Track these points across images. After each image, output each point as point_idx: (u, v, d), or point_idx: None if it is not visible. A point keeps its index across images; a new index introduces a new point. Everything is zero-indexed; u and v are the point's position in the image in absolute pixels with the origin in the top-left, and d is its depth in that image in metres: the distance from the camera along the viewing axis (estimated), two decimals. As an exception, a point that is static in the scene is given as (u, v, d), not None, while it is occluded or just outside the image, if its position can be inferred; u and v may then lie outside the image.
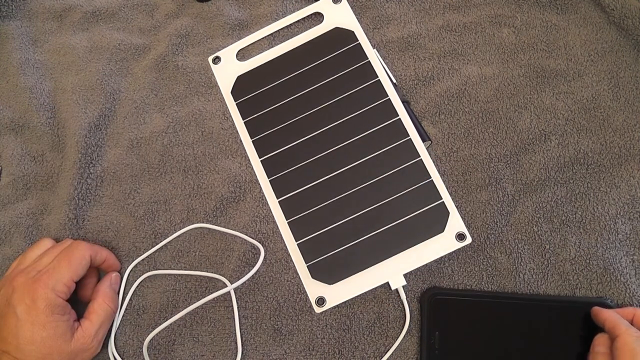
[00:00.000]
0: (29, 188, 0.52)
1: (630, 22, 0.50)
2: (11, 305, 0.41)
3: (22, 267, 0.45)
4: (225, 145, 0.52)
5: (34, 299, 0.41)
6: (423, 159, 0.48)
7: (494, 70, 0.51)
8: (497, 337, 0.44)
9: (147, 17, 0.57)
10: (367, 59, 0.51)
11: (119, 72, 0.55)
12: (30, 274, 0.43)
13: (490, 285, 0.46)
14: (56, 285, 0.42)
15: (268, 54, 0.53)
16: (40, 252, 0.46)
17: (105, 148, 0.53)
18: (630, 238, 0.46)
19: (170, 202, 0.50)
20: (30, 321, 0.41)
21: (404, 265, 0.46)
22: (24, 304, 0.41)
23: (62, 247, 0.46)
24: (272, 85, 0.52)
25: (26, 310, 0.41)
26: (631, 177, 0.47)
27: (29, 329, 0.40)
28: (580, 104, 0.49)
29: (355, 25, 0.52)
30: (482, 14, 0.53)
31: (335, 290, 0.46)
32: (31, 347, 0.40)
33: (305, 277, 0.47)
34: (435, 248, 0.45)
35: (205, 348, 0.47)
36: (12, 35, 0.57)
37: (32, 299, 0.41)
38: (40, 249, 0.47)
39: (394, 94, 0.49)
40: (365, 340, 0.46)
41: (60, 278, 0.43)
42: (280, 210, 0.48)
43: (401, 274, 0.45)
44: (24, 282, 0.42)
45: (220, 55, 0.54)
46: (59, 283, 0.42)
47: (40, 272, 0.43)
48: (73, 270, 0.44)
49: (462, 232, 0.45)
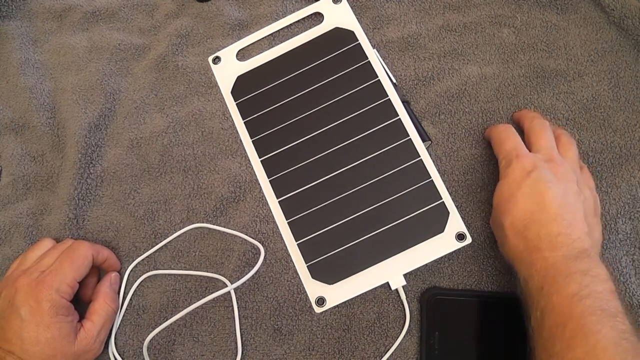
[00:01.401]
0: (29, 188, 0.52)
1: (630, 22, 0.50)
2: (14, 306, 0.41)
3: (24, 267, 0.45)
4: (225, 145, 0.52)
5: (38, 301, 0.41)
6: (423, 159, 0.47)
7: (494, 70, 0.51)
8: (496, 337, 0.44)
9: (147, 17, 0.57)
10: (367, 59, 0.51)
11: (119, 72, 0.55)
12: (33, 275, 0.43)
13: (490, 285, 0.46)
14: (60, 287, 0.42)
15: (268, 54, 0.53)
16: (40, 253, 0.46)
17: (105, 148, 0.53)
18: (630, 238, 0.46)
19: (170, 202, 0.50)
20: (35, 322, 0.41)
21: (404, 265, 0.46)
22: (28, 305, 0.41)
23: (63, 247, 0.46)
24: (272, 85, 0.52)
25: (30, 312, 0.41)
26: (631, 177, 0.47)
27: (33, 330, 0.40)
28: (580, 104, 0.49)
29: (355, 26, 0.52)
30: (482, 14, 0.53)
31: (335, 290, 0.46)
32: (36, 348, 0.40)
33: (305, 277, 0.47)
34: (435, 248, 0.45)
35: (205, 348, 0.47)
36: (12, 35, 0.57)
37: (36, 301, 0.41)
38: (40, 250, 0.46)
39: (393, 94, 0.49)
40: (365, 340, 0.46)
41: (63, 279, 0.43)
42: (280, 210, 0.48)
43: (401, 274, 0.45)
44: (27, 283, 0.42)
45: (220, 55, 0.54)
46: (62, 284, 0.42)
47: (43, 273, 0.43)
48: (76, 271, 0.44)
49: (462, 232, 0.45)
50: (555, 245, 0.38)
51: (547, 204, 0.40)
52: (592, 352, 0.33)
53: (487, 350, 0.44)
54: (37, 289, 0.41)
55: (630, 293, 0.44)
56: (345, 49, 0.51)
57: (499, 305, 0.45)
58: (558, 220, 0.39)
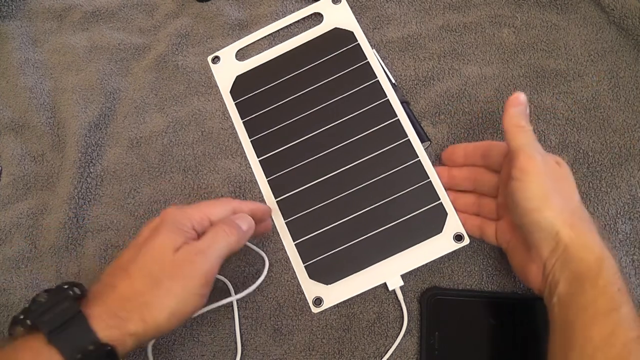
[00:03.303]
0: (29, 188, 0.52)
1: (630, 22, 0.50)
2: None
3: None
4: (225, 145, 0.52)
5: (161, 217, 0.40)
6: (421, 159, 0.47)
7: (494, 70, 0.51)
8: (497, 337, 0.44)
9: (147, 17, 0.57)
10: (366, 60, 0.51)
11: (118, 72, 0.55)
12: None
13: (490, 285, 0.46)
14: (188, 210, 0.41)
15: (267, 54, 0.53)
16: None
17: (105, 147, 0.53)
18: (630, 238, 0.46)
19: (170, 202, 0.50)
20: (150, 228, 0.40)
21: (402, 266, 0.46)
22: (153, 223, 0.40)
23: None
24: (271, 85, 0.52)
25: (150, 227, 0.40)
26: (631, 177, 0.47)
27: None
28: (580, 104, 0.49)
29: (354, 26, 0.52)
30: (482, 14, 0.53)
31: (333, 291, 0.46)
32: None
33: (302, 277, 0.47)
34: (433, 249, 0.45)
35: (205, 348, 0.47)
36: (12, 35, 0.57)
37: (161, 217, 0.40)
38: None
39: (392, 95, 0.49)
40: (365, 340, 0.46)
41: (195, 207, 0.41)
42: (279, 210, 0.48)
43: (399, 274, 0.45)
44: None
45: (220, 55, 0.54)
46: (191, 209, 0.41)
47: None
48: (211, 206, 0.42)
49: (460, 233, 0.45)
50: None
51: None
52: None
53: (487, 350, 0.44)
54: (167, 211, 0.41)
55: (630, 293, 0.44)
56: (345, 50, 0.51)
57: (499, 305, 0.45)
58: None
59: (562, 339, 0.37)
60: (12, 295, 0.49)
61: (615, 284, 0.36)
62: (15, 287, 0.49)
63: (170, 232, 0.39)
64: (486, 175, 0.45)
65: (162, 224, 0.39)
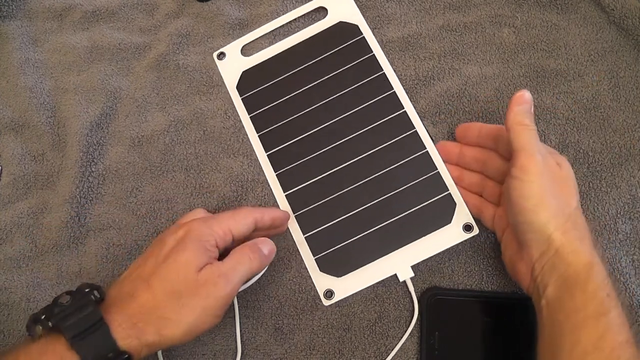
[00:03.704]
0: (29, 187, 0.52)
1: (630, 22, 0.50)
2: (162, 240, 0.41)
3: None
4: (227, 144, 0.52)
5: (186, 230, 0.40)
6: (429, 150, 0.48)
7: (494, 70, 0.51)
8: (497, 337, 0.44)
9: (148, 16, 0.57)
10: (372, 53, 0.51)
11: (119, 72, 0.55)
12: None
13: (490, 285, 0.46)
14: (213, 225, 0.41)
15: (272, 49, 0.53)
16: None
17: (106, 147, 0.53)
18: (630, 238, 0.46)
19: (172, 201, 0.51)
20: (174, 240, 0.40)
21: (412, 257, 0.46)
22: (176, 234, 0.40)
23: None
24: (277, 80, 0.52)
25: (174, 238, 0.40)
26: (631, 177, 0.47)
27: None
28: (580, 104, 0.49)
29: (359, 19, 0.52)
30: (482, 14, 0.53)
31: (344, 283, 0.46)
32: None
33: (313, 270, 0.47)
34: (442, 239, 0.46)
35: (206, 347, 0.47)
36: (12, 35, 0.57)
37: (185, 230, 0.40)
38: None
39: (399, 87, 0.50)
40: (366, 339, 0.46)
41: (219, 222, 0.41)
42: (288, 204, 0.48)
43: (409, 265, 0.45)
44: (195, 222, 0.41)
45: (225, 51, 0.54)
46: (216, 224, 0.41)
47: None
48: (234, 220, 0.42)
49: (469, 223, 0.46)
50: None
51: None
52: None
53: (487, 350, 0.44)
54: (191, 224, 0.41)
55: (630, 293, 0.44)
56: (350, 43, 0.52)
57: (499, 306, 0.45)
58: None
59: (551, 342, 0.37)
60: (13, 294, 0.49)
61: (605, 289, 0.37)
62: (16, 285, 0.49)
63: (195, 250, 0.39)
64: (496, 160, 0.45)
65: (188, 239, 0.40)
